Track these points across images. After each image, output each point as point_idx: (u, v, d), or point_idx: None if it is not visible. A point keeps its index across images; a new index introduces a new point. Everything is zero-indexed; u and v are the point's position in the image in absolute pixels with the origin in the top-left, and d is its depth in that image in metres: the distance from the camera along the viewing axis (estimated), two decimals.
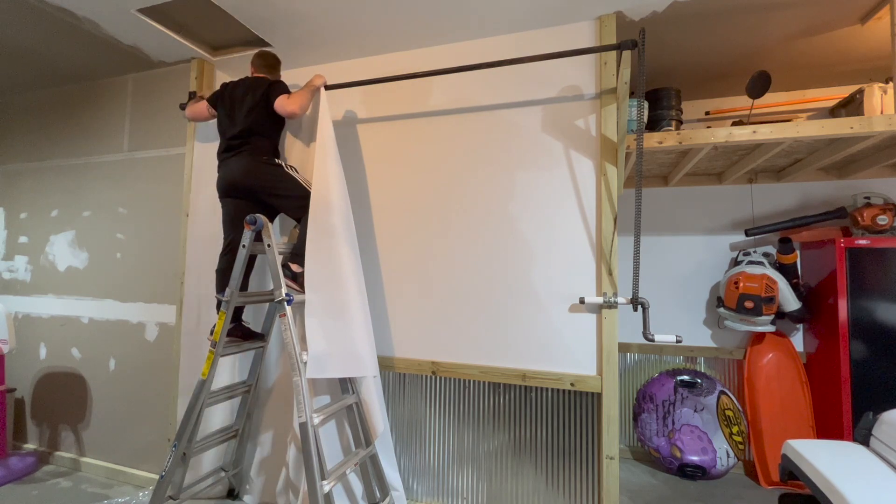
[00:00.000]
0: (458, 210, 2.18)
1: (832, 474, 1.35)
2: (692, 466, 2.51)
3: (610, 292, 1.90)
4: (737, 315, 2.57)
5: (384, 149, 2.34)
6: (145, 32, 2.29)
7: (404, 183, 2.29)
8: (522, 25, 2.10)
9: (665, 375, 2.78)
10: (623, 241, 2.78)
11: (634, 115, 1.97)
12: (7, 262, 3.04)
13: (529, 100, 2.10)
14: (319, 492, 1.66)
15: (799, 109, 2.82)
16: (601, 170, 1.96)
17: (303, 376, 1.77)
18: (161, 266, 2.59)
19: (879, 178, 2.61)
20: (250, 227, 1.90)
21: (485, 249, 2.12)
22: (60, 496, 2.40)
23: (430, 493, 2.20)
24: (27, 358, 2.90)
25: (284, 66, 2.45)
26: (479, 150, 2.17)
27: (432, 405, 2.22)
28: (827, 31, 2.16)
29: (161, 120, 2.69)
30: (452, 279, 2.16)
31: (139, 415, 2.59)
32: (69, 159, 2.93)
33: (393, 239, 2.29)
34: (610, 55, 1.96)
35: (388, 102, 2.34)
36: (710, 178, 2.89)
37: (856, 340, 2.33)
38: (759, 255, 2.65)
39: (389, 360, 2.22)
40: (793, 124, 1.91)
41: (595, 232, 1.96)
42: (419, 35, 2.20)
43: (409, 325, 2.22)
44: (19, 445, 2.88)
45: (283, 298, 1.82)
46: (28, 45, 2.51)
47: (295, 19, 2.11)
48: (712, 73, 2.62)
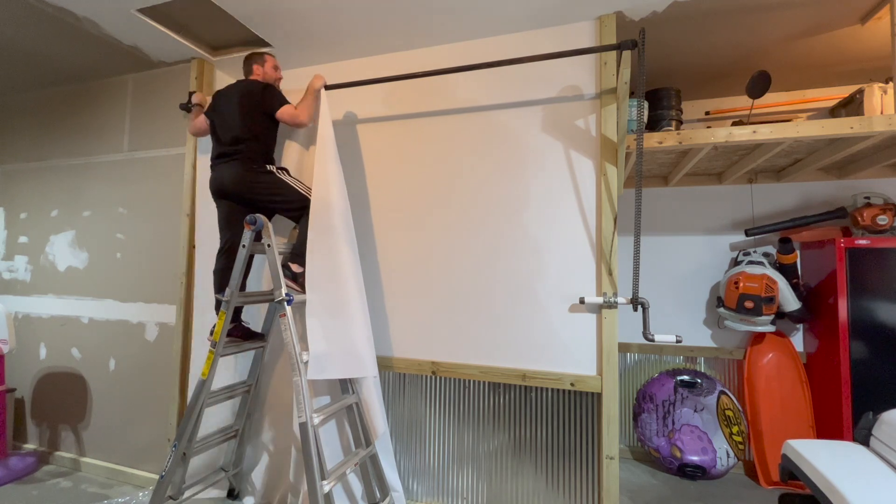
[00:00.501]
0: (457, 210, 2.18)
1: (832, 474, 1.35)
2: (692, 466, 2.51)
3: (610, 292, 1.90)
4: (737, 315, 2.57)
5: (384, 149, 2.34)
6: (145, 32, 2.29)
7: (404, 183, 2.29)
8: (523, 25, 2.10)
9: (665, 375, 2.78)
10: (623, 241, 2.78)
11: (634, 115, 1.97)
12: (7, 262, 3.04)
13: (529, 100, 2.10)
14: (319, 492, 1.66)
15: (799, 109, 2.82)
16: (601, 170, 1.96)
17: (303, 376, 1.77)
18: (161, 266, 2.59)
19: (879, 178, 2.61)
20: (250, 228, 1.90)
21: (485, 249, 2.12)
22: (60, 496, 2.40)
23: (429, 494, 2.20)
24: (27, 358, 2.90)
25: (284, 67, 2.45)
26: (479, 150, 2.17)
27: (432, 405, 2.22)
28: (827, 31, 2.16)
29: (161, 120, 2.69)
30: (452, 279, 2.16)
31: (139, 415, 2.59)
32: (69, 159, 2.93)
33: (393, 239, 2.29)
34: (610, 55, 1.96)
35: (387, 102, 2.34)
36: (710, 178, 2.89)
37: (856, 340, 2.33)
38: (759, 255, 2.65)
39: (389, 360, 2.23)
40: (793, 124, 1.91)
41: (595, 232, 1.96)
42: (419, 35, 2.20)
43: (409, 325, 2.22)
44: (19, 445, 2.88)
45: (283, 298, 1.82)
46: (28, 45, 2.51)
47: (295, 19, 2.11)
48: (712, 73, 2.62)
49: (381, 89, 2.33)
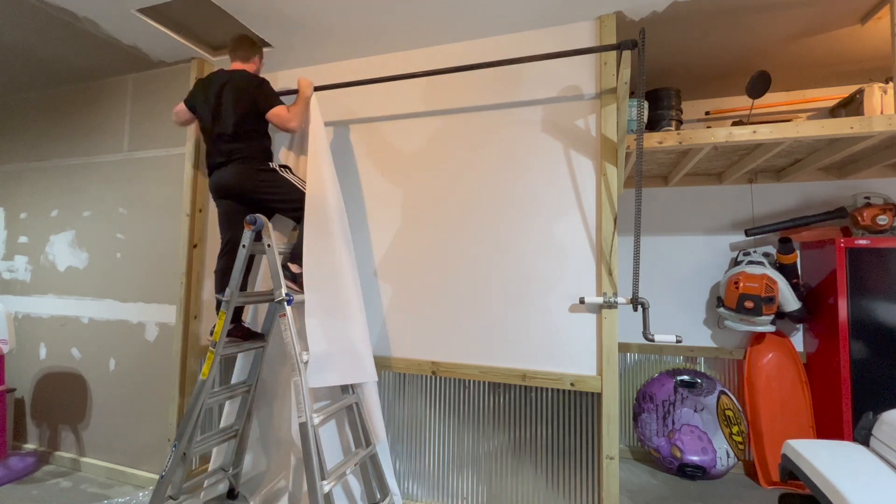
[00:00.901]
0: (458, 210, 2.18)
1: (832, 474, 1.35)
2: (692, 466, 2.51)
3: (610, 292, 1.90)
4: (737, 315, 2.57)
5: (384, 149, 2.34)
6: (145, 32, 2.29)
7: (404, 183, 2.29)
8: (523, 25, 2.10)
9: (665, 375, 2.78)
10: (623, 241, 2.78)
11: (634, 115, 1.97)
12: (7, 262, 3.04)
13: (529, 100, 2.10)
14: (319, 492, 1.66)
15: (799, 109, 2.82)
16: (601, 170, 1.96)
17: (303, 376, 1.77)
18: (161, 266, 2.59)
19: (879, 178, 2.61)
20: (250, 227, 1.90)
21: (485, 249, 2.12)
22: (60, 496, 2.40)
23: (429, 494, 2.20)
24: (27, 358, 2.90)
25: (285, 66, 2.45)
26: (479, 150, 2.17)
27: (432, 405, 2.22)
28: (827, 31, 2.16)
29: (161, 120, 2.69)
30: (452, 279, 2.16)
31: (139, 415, 2.59)
32: (69, 159, 2.93)
33: (393, 239, 2.29)
34: (610, 55, 1.96)
35: (387, 102, 2.34)
36: (710, 178, 2.89)
37: (856, 340, 2.33)
38: (759, 255, 2.65)
39: (389, 360, 2.22)
40: (793, 124, 1.90)
41: (595, 232, 1.96)
42: (419, 35, 2.20)
43: (409, 325, 2.22)
44: (19, 445, 2.88)
45: (283, 298, 1.82)
46: (28, 45, 2.51)
47: (295, 19, 2.11)
48: (712, 73, 2.62)
49: (379, 89, 2.33)
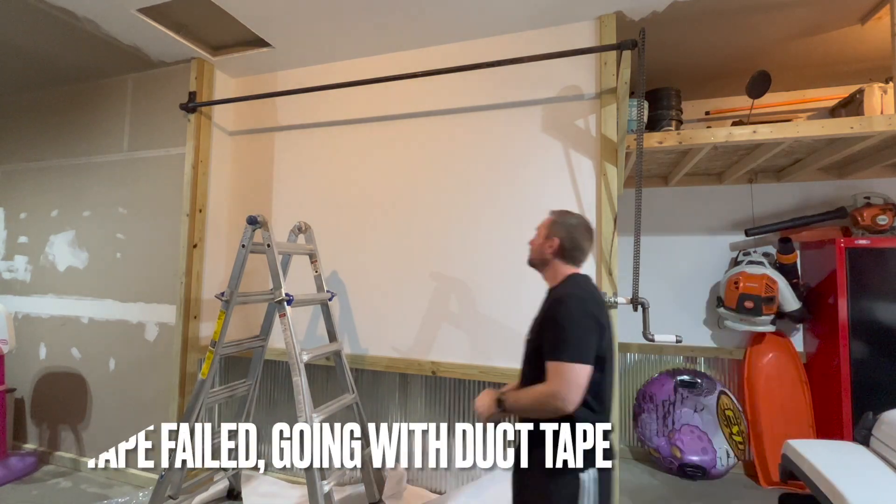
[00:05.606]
0: (458, 210, 2.18)
1: (832, 474, 1.35)
2: (692, 466, 2.50)
3: (610, 292, 1.90)
4: (737, 315, 2.57)
5: (385, 149, 2.34)
6: (145, 32, 2.29)
7: (404, 182, 2.29)
8: (523, 25, 2.10)
9: (665, 375, 2.78)
10: (623, 241, 2.77)
11: (634, 115, 1.97)
12: (7, 262, 3.04)
13: (529, 100, 2.10)
14: (319, 492, 1.66)
15: (799, 109, 2.82)
16: (601, 170, 1.96)
17: (303, 376, 1.77)
18: (161, 266, 2.59)
19: (879, 178, 2.61)
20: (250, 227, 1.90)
21: (485, 249, 2.12)
22: (60, 496, 2.40)
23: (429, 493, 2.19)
24: (27, 358, 2.90)
25: (285, 67, 2.45)
26: (479, 150, 2.16)
27: (432, 405, 2.21)
28: (827, 31, 2.16)
29: (161, 120, 2.69)
30: (453, 279, 2.16)
31: (139, 415, 2.59)
32: (69, 159, 2.93)
33: (393, 239, 2.29)
34: (610, 55, 1.96)
35: (387, 102, 2.34)
36: (710, 178, 2.89)
37: (856, 340, 2.33)
38: (759, 255, 2.65)
39: (389, 360, 2.22)
40: (793, 124, 1.90)
41: (595, 232, 1.96)
42: (419, 35, 2.20)
43: (410, 325, 2.22)
44: (19, 445, 2.88)
45: (283, 298, 1.82)
46: (28, 45, 2.51)
47: (295, 19, 2.11)
48: (712, 73, 2.62)
49: (381, 89, 2.33)
